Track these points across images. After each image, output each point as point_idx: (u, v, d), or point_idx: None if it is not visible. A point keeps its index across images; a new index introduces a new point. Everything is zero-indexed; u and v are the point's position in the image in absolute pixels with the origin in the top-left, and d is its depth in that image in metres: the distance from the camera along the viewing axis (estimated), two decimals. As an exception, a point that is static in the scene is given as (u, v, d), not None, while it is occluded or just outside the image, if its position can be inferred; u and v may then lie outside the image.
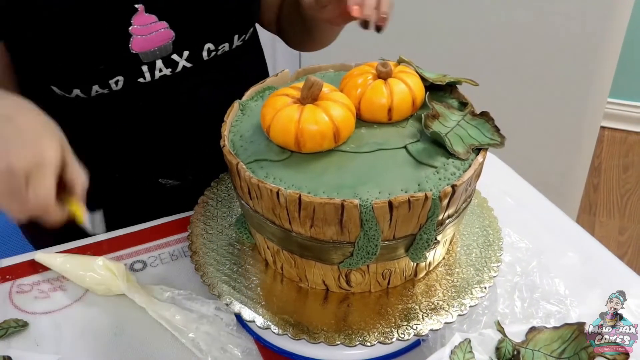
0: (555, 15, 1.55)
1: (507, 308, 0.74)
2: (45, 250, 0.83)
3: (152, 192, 0.97)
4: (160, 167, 0.98)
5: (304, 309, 0.70)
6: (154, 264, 0.82)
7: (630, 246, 2.06)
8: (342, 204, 0.61)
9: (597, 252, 0.87)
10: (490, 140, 0.69)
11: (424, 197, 0.62)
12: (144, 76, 0.85)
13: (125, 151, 0.91)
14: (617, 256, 0.94)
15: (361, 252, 0.65)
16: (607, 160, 2.44)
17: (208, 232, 0.78)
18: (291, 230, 0.66)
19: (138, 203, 0.96)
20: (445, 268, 0.74)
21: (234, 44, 0.92)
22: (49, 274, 0.80)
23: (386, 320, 0.68)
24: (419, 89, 0.71)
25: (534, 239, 0.85)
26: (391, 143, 0.68)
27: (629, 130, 2.59)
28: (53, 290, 0.78)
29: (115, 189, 0.99)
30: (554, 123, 1.67)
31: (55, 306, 0.76)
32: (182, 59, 0.87)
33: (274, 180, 0.65)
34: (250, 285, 0.72)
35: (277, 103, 0.68)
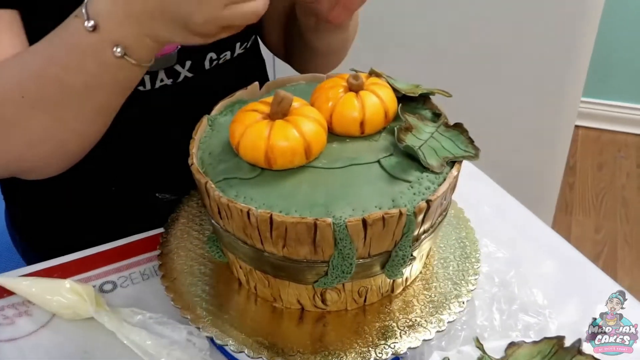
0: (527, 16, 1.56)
1: (486, 321, 0.73)
2: (8, 273, 0.80)
3: (149, 207, 0.95)
4: (157, 181, 0.96)
5: (279, 330, 0.68)
6: (124, 284, 0.80)
7: (606, 244, 2.09)
8: (314, 223, 0.59)
9: (574, 259, 0.86)
10: (465, 152, 0.67)
11: (399, 213, 0.60)
12: (144, 84, 0.83)
13: (122, 163, 0.89)
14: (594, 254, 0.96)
15: (336, 271, 0.63)
16: (581, 160, 2.47)
17: (179, 251, 0.76)
18: (263, 251, 0.64)
19: (134, 217, 0.94)
20: (422, 283, 0.72)
21: (235, 52, 0.90)
22: (13, 298, 0.77)
23: (363, 339, 0.67)
24: (392, 101, 0.70)
25: (511, 248, 0.84)
26: (364, 158, 0.67)
27: (602, 128, 2.61)
28: (18, 315, 0.75)
29: (111, 203, 0.97)
30: (529, 124, 1.68)
31: (20, 333, 0.73)
32: (185, 69, 0.85)
33: (245, 199, 0.63)
34: (223, 307, 0.70)
35: (246, 119, 0.66)
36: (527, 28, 1.58)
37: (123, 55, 0.66)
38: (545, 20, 1.55)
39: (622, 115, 2.64)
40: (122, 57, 0.66)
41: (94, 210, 0.97)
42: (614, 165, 2.46)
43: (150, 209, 0.92)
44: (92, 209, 0.97)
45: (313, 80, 0.78)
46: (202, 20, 0.61)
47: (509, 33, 1.59)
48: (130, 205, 0.96)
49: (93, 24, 0.64)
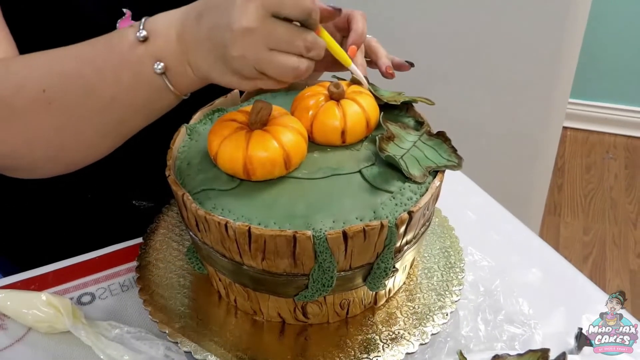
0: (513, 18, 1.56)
1: (470, 331, 0.72)
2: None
3: (126, 214, 0.93)
4: (134, 188, 0.95)
5: (259, 344, 0.67)
6: (102, 296, 0.78)
7: (594, 246, 2.10)
8: (293, 235, 0.58)
9: (560, 268, 0.85)
10: (447, 161, 0.66)
11: (380, 225, 0.59)
12: None
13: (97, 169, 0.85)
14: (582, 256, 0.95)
15: (316, 285, 0.62)
16: (569, 161, 2.48)
17: (158, 262, 0.75)
18: (242, 264, 0.63)
19: (111, 225, 0.92)
20: (406, 294, 0.71)
21: None
22: (-13, 312, 0.75)
23: (345, 352, 0.65)
24: (373, 109, 0.69)
25: (496, 256, 0.83)
26: (345, 168, 0.66)
27: (590, 130, 2.63)
28: (-7, 330, 0.74)
29: (87, 211, 0.95)
30: (517, 125, 1.68)
31: (-5, 347, 0.72)
32: None
33: (222, 211, 0.62)
34: (202, 320, 0.69)
35: (224, 129, 0.64)
36: (514, 30, 1.58)
37: (162, 73, 0.65)
38: (532, 22, 1.55)
39: (610, 117, 2.65)
40: (160, 75, 0.65)
41: (70, 218, 0.95)
42: (602, 167, 2.47)
43: (128, 217, 0.90)
44: (68, 216, 0.95)
45: (293, 89, 0.77)
46: (239, 53, 0.60)
47: (495, 35, 1.59)
48: (107, 213, 0.94)
49: (145, 35, 0.64)
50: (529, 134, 1.68)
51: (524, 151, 1.71)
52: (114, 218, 0.93)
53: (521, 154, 1.72)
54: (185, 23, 0.64)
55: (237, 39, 0.59)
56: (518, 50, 1.59)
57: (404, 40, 1.63)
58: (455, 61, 1.64)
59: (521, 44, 1.58)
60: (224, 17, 0.60)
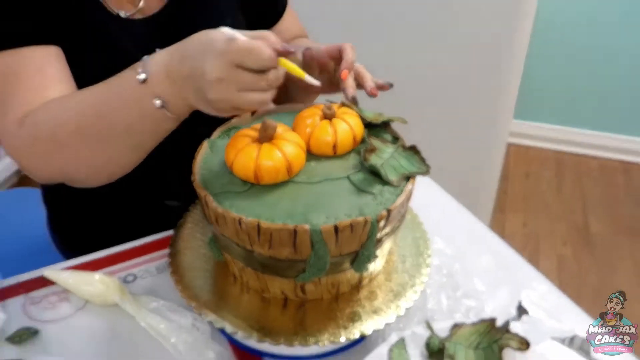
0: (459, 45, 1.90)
1: (435, 305, 0.89)
2: (51, 266, 0.96)
3: (160, 212, 1.07)
4: (165, 189, 1.09)
5: (267, 316, 0.81)
6: (143, 276, 0.95)
7: (531, 237, 2.60)
8: (294, 229, 0.72)
9: (506, 253, 1.02)
10: (418, 169, 0.82)
11: (364, 220, 0.74)
12: None
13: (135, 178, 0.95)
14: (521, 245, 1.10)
15: (313, 269, 0.76)
16: (513, 170, 2.98)
17: (186, 250, 0.90)
18: (253, 251, 0.77)
19: (148, 221, 1.07)
20: (385, 275, 0.87)
21: None
22: (55, 287, 0.92)
23: (336, 322, 0.80)
24: (359, 127, 0.84)
25: (456, 245, 1.00)
26: (336, 174, 0.81)
27: (529, 145, 3.18)
28: (59, 301, 0.90)
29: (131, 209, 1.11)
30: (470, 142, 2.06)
31: (61, 315, 0.88)
32: None
33: (237, 209, 0.76)
34: (221, 297, 0.83)
35: (238, 143, 0.80)
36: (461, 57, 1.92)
37: (162, 107, 0.79)
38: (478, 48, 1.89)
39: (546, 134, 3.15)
40: (161, 109, 0.79)
41: (118, 215, 1.12)
42: (539, 175, 2.99)
43: (162, 214, 1.05)
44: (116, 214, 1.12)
45: (292, 110, 0.93)
46: (215, 98, 0.74)
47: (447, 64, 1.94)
48: (145, 211, 1.10)
49: (144, 77, 0.78)
50: (480, 149, 2.06)
51: (477, 163, 2.09)
52: (151, 215, 1.09)
53: (474, 165, 2.09)
54: (170, 65, 0.77)
55: (212, 87, 0.73)
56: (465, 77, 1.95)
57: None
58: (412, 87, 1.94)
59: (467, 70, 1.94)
60: (199, 68, 0.73)
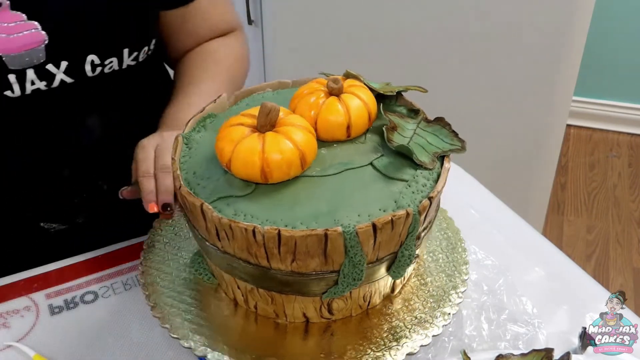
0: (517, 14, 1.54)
1: (474, 331, 0.72)
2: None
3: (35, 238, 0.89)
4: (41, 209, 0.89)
5: (284, 346, 0.67)
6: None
7: (598, 245, 2.10)
8: (325, 233, 0.58)
9: (563, 267, 0.85)
10: (451, 145, 0.68)
11: (405, 214, 0.60)
12: (12, 88, 0.75)
13: None
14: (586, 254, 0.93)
15: (347, 280, 0.62)
16: (573, 159, 2.45)
17: (161, 278, 0.72)
18: (269, 268, 0.62)
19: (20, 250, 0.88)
20: (417, 278, 0.73)
21: (123, 61, 0.83)
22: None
23: (374, 343, 0.66)
24: (372, 102, 0.69)
25: (499, 255, 0.82)
26: (356, 161, 0.66)
27: (594, 127, 2.61)
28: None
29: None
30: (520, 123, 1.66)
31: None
32: (60, 70, 0.78)
33: (245, 217, 0.60)
34: (220, 329, 0.67)
35: (234, 134, 0.63)
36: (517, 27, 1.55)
37: None
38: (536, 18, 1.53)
39: (614, 114, 2.60)
40: None
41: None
42: (606, 165, 2.42)
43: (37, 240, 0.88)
44: None
45: (279, 87, 0.76)
46: None
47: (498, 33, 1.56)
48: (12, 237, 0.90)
49: None
50: (532, 132, 1.66)
51: (527, 149, 1.68)
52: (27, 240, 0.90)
53: (524, 152, 1.69)
54: None
55: None
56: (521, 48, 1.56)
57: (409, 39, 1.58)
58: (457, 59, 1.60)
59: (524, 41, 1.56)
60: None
